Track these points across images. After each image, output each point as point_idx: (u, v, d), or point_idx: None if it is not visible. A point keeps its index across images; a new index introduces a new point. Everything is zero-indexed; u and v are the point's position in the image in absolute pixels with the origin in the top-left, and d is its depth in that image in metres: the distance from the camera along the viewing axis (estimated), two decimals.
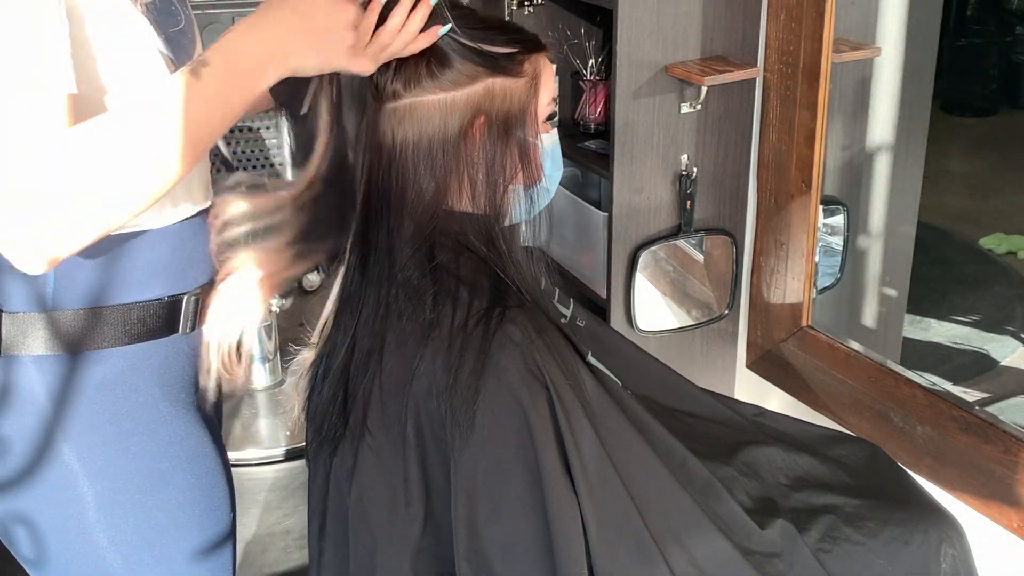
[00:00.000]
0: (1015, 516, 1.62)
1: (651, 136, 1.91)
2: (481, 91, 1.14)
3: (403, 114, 1.14)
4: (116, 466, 1.15)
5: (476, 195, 1.16)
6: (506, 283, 1.16)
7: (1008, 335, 2.55)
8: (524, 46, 1.18)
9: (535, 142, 1.18)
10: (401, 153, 1.14)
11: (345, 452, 1.20)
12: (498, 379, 1.09)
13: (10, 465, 1.13)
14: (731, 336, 2.15)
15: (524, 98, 1.17)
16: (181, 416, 1.20)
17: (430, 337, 1.12)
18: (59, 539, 1.16)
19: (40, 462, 1.13)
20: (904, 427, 1.79)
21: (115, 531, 1.16)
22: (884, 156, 2.21)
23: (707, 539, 1.19)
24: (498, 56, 1.14)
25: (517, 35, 1.19)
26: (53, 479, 1.13)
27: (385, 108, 1.14)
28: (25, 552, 1.19)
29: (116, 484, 1.15)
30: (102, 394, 1.13)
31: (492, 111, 1.14)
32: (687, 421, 1.41)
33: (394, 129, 1.14)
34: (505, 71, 1.15)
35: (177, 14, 1.15)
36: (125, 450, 1.15)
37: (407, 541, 1.15)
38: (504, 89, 1.15)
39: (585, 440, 1.12)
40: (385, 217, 1.16)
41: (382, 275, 1.16)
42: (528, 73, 1.17)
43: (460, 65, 1.13)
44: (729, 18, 1.90)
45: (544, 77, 1.19)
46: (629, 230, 1.97)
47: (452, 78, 1.13)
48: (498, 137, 1.15)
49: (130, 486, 1.16)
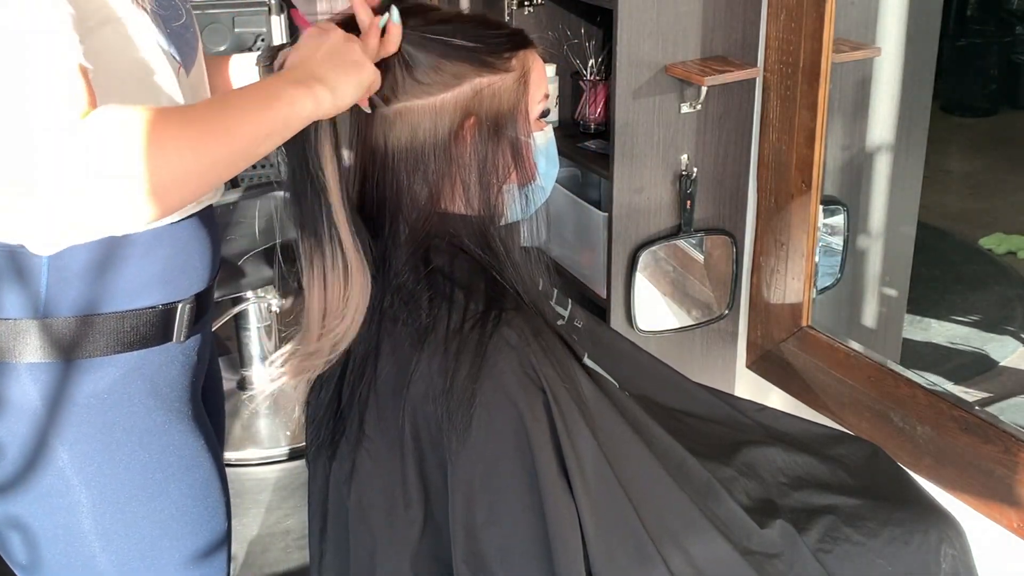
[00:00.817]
0: (1015, 516, 1.62)
1: (651, 136, 1.91)
2: (469, 92, 1.13)
3: (393, 119, 1.13)
4: (110, 475, 1.13)
5: (470, 197, 1.16)
6: (502, 285, 1.15)
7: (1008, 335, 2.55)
8: (509, 40, 1.16)
9: (527, 140, 1.18)
10: (393, 158, 1.14)
11: (344, 456, 1.20)
12: (494, 382, 1.09)
13: (5, 470, 1.13)
14: (731, 336, 2.15)
15: (514, 96, 1.16)
16: (175, 425, 1.18)
17: (426, 341, 1.12)
18: (53, 545, 1.15)
19: (34, 468, 1.12)
20: (904, 427, 1.79)
21: (108, 539, 1.15)
22: (884, 156, 2.21)
23: (706, 540, 1.19)
24: (480, 51, 1.13)
25: (500, 30, 1.17)
26: (47, 485, 1.12)
27: (376, 114, 1.13)
28: (18, 557, 1.18)
29: (109, 493, 1.14)
30: (95, 402, 1.12)
31: (481, 112, 1.14)
32: (686, 421, 1.41)
33: (386, 135, 1.14)
34: (491, 67, 1.14)
35: (178, 8, 1.14)
36: (119, 459, 1.14)
37: (407, 543, 1.15)
38: (492, 88, 1.14)
39: (582, 442, 1.12)
40: (381, 223, 1.16)
41: (377, 281, 1.16)
42: (516, 69, 1.16)
43: (444, 65, 1.12)
44: (729, 18, 1.90)
45: (534, 74, 1.18)
46: (629, 230, 1.97)
47: (438, 79, 1.12)
48: (489, 137, 1.15)
49: (123, 495, 1.15)
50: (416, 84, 1.12)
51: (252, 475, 2.59)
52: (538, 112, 1.20)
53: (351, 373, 1.18)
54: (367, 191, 1.17)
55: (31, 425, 1.11)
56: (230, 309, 2.76)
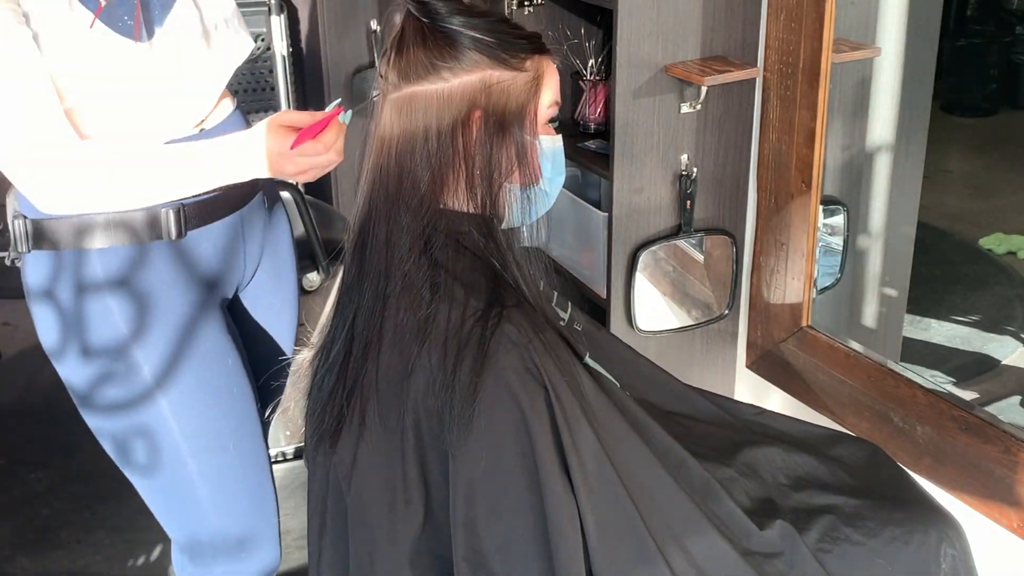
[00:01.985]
0: (1015, 516, 1.62)
1: (651, 136, 1.91)
2: (478, 84, 1.14)
3: (402, 104, 1.14)
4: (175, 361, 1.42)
5: (471, 190, 1.16)
6: (503, 282, 1.16)
7: (1008, 335, 2.55)
8: (527, 42, 1.18)
9: (533, 142, 1.18)
10: (400, 143, 1.15)
11: (344, 450, 1.20)
12: (496, 379, 1.09)
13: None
14: (731, 336, 2.15)
15: (523, 96, 1.17)
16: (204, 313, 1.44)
17: (427, 334, 1.12)
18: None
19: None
20: (904, 427, 1.79)
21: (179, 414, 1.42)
22: (884, 156, 2.21)
23: (706, 540, 1.19)
24: (497, 46, 1.14)
25: (520, 31, 1.19)
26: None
27: (388, 98, 1.15)
28: (137, 460, 1.44)
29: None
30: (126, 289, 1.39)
31: (489, 106, 1.14)
32: (685, 424, 1.41)
33: (393, 119, 1.15)
34: (504, 64, 1.15)
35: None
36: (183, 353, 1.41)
37: (406, 540, 1.15)
38: (503, 85, 1.15)
39: (584, 440, 1.12)
40: (383, 207, 1.17)
41: (379, 267, 1.17)
42: (530, 71, 1.17)
43: (459, 52, 1.13)
44: (729, 18, 1.90)
45: (547, 79, 1.19)
46: (629, 230, 1.97)
47: (450, 66, 1.13)
48: (494, 133, 1.15)
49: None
50: (430, 68, 1.13)
51: None
52: (547, 118, 1.21)
53: (354, 360, 1.18)
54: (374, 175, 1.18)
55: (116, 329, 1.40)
56: None
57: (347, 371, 1.19)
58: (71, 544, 2.32)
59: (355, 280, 1.20)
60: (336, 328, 1.22)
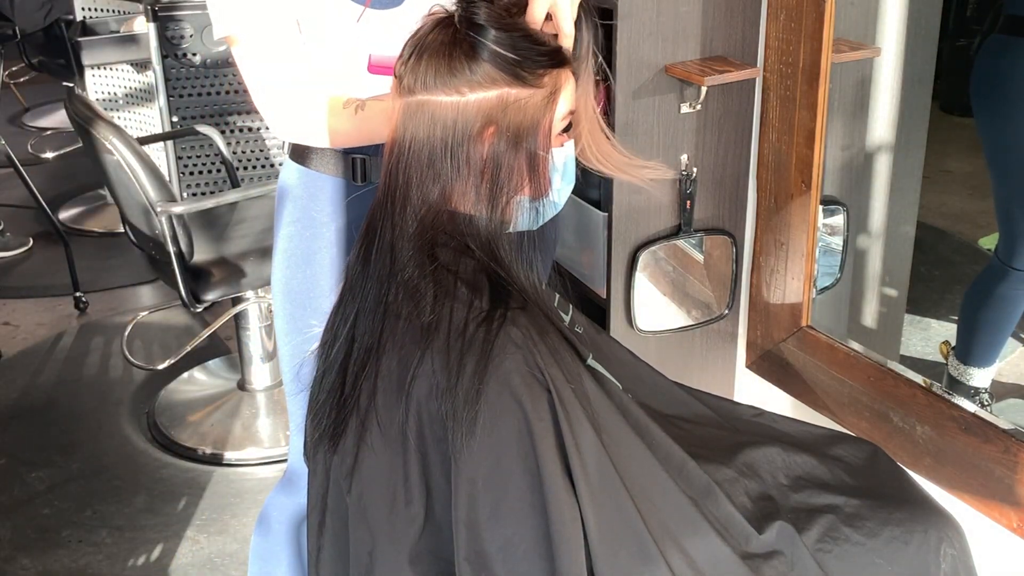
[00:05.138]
0: (1015, 516, 1.62)
1: (651, 136, 1.92)
2: (495, 100, 1.12)
3: (415, 110, 1.13)
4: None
5: (480, 200, 1.16)
6: (507, 285, 1.16)
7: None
8: (549, 58, 1.15)
9: (545, 156, 1.17)
10: (410, 149, 1.14)
11: (345, 451, 1.20)
12: (500, 381, 1.09)
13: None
14: (731, 336, 2.15)
15: (539, 112, 1.15)
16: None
17: (430, 338, 1.12)
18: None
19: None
20: (904, 427, 1.79)
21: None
22: (884, 156, 2.21)
23: (706, 542, 1.19)
24: (518, 64, 1.13)
25: (543, 46, 1.16)
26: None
27: (402, 102, 1.14)
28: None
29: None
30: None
31: (503, 122, 1.13)
32: (685, 427, 1.41)
33: (407, 125, 1.14)
34: (523, 82, 1.13)
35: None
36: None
37: (407, 541, 1.15)
38: (520, 103, 1.13)
39: (586, 442, 1.12)
40: (391, 212, 1.16)
41: (383, 272, 1.17)
42: (547, 86, 1.15)
43: (480, 66, 1.11)
44: (729, 18, 1.91)
45: (564, 92, 1.17)
46: (629, 230, 1.97)
47: (470, 79, 1.11)
48: (507, 147, 1.14)
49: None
50: (448, 79, 1.12)
51: (252, 475, 2.59)
52: (560, 128, 1.19)
53: (355, 363, 1.18)
54: (385, 178, 1.17)
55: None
56: (230, 309, 2.77)
57: (348, 371, 1.19)
58: (72, 544, 2.32)
59: (358, 280, 1.19)
60: (337, 325, 1.22)
